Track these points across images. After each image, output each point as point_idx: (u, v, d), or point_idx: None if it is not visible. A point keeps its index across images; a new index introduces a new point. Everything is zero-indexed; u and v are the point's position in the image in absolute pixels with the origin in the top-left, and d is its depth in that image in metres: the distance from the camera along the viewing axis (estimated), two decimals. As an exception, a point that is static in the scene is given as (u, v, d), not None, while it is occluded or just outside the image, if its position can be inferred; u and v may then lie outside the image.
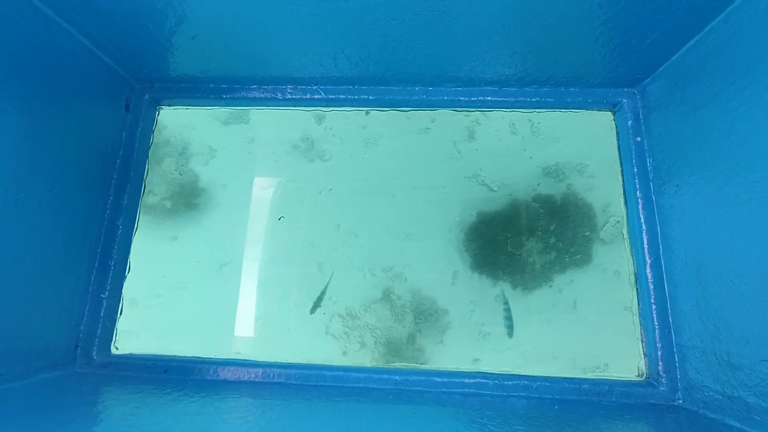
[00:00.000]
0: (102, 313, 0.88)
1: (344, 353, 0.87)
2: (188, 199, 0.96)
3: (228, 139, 1.00)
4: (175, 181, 0.97)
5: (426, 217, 0.94)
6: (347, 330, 0.88)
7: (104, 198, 0.92)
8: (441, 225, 0.93)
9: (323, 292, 0.89)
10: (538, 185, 0.94)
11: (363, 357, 0.86)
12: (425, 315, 0.88)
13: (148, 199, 0.96)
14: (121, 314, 0.90)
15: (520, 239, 0.92)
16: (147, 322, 0.90)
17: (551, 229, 0.92)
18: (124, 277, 0.92)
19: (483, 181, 0.95)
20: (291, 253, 0.93)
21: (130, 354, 0.88)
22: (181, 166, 0.98)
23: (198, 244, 0.94)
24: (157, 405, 0.65)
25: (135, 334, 0.89)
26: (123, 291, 0.91)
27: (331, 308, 0.89)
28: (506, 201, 0.94)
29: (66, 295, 0.81)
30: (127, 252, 0.93)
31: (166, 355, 0.87)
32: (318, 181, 0.97)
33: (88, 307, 0.87)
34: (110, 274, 0.90)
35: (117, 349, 0.89)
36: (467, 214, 0.94)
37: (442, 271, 0.91)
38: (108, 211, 0.92)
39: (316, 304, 0.88)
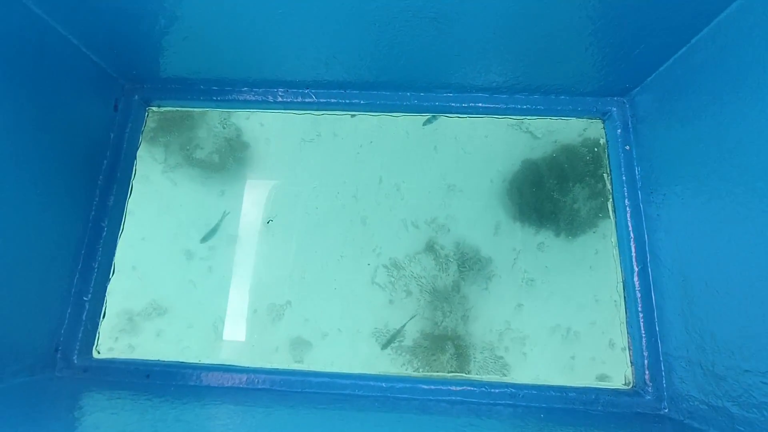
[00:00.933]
0: (84, 316, 0.86)
1: (390, 302, 0.88)
2: (235, 153, 0.98)
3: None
4: (220, 134, 0.99)
5: (468, 168, 0.95)
6: (392, 280, 0.89)
7: (89, 198, 0.91)
8: (483, 175, 0.95)
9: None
10: (584, 130, 0.95)
11: (409, 304, 0.88)
12: (469, 264, 0.90)
13: (196, 153, 0.98)
14: (104, 317, 0.89)
15: (566, 185, 0.93)
16: (132, 324, 0.89)
17: (599, 173, 0.92)
18: (108, 280, 0.90)
19: (527, 128, 0.96)
20: (335, 207, 0.94)
21: (113, 358, 0.86)
22: (224, 120, 0.99)
23: (244, 200, 0.95)
24: (135, 411, 0.64)
25: (118, 337, 0.88)
26: (107, 294, 0.89)
27: (376, 260, 0.90)
28: (551, 148, 0.95)
29: (46, 297, 0.80)
30: (112, 254, 0.92)
31: (149, 360, 0.85)
32: (358, 134, 0.98)
33: (69, 310, 0.85)
34: (94, 276, 0.88)
35: (99, 353, 0.87)
36: (510, 163, 0.95)
37: (485, 221, 0.93)
38: (93, 212, 0.91)
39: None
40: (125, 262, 0.92)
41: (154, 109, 1.02)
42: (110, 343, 0.87)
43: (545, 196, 0.93)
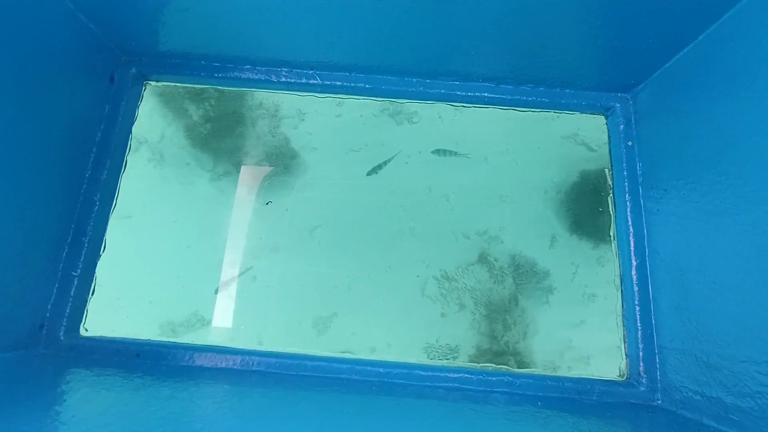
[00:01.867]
0: (72, 292, 0.83)
1: (442, 315, 0.85)
2: (285, 161, 0.95)
3: (317, 103, 0.98)
4: (270, 143, 0.95)
5: (520, 179, 0.93)
6: (444, 292, 0.86)
7: (81, 172, 0.87)
8: (536, 187, 0.93)
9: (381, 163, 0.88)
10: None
11: (463, 318, 0.85)
12: (526, 276, 0.87)
13: (245, 159, 0.95)
14: (92, 294, 0.86)
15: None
16: (121, 302, 0.86)
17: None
18: (98, 256, 0.87)
19: (582, 141, 0.95)
20: (382, 217, 0.91)
21: (101, 336, 0.83)
22: (274, 128, 0.96)
23: (292, 208, 0.92)
24: (125, 388, 0.62)
25: (107, 315, 0.85)
26: (96, 270, 0.86)
27: (426, 271, 0.87)
28: (606, 160, 0.94)
29: (31, 271, 0.76)
30: (104, 230, 0.89)
31: (138, 339, 0.83)
32: (408, 144, 0.96)
33: (57, 285, 0.82)
34: (83, 252, 0.85)
35: (87, 330, 0.84)
36: (565, 175, 0.94)
37: (539, 233, 0.90)
38: (85, 186, 0.88)
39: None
40: (117, 239, 0.89)
41: (152, 83, 0.99)
42: (99, 320, 0.84)
43: (596, 209, 0.92)
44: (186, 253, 0.90)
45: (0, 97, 0.67)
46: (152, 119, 0.97)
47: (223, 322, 0.86)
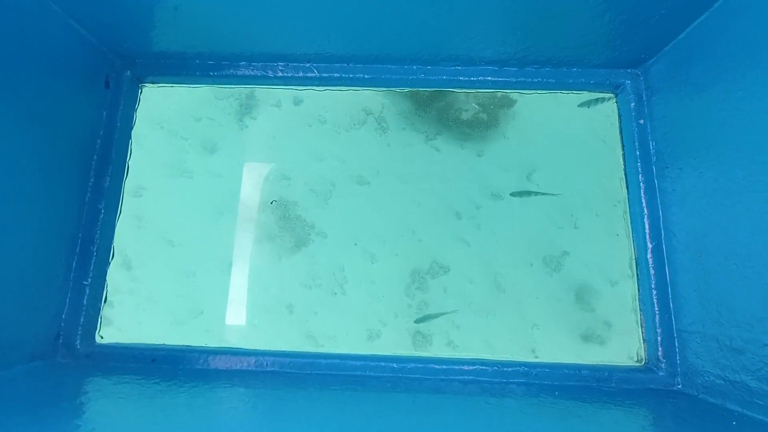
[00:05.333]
0: (85, 301, 0.84)
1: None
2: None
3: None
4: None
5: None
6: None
7: (84, 180, 0.87)
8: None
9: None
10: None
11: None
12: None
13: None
14: (105, 302, 0.86)
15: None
16: (135, 308, 0.86)
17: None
18: (108, 263, 0.87)
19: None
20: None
21: (116, 343, 0.84)
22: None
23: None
24: (143, 396, 0.62)
25: (121, 321, 0.85)
26: (107, 278, 0.87)
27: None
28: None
29: (44, 282, 0.77)
30: (111, 237, 0.89)
31: (153, 344, 0.84)
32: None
33: (69, 295, 0.82)
34: (93, 260, 0.85)
35: (102, 338, 0.85)
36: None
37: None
38: (89, 194, 0.87)
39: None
40: (125, 245, 0.89)
41: (148, 86, 0.97)
42: (114, 327, 0.85)
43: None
44: (196, 255, 0.89)
45: (-4, 110, 0.66)
46: (150, 122, 0.96)
47: (237, 320, 0.86)
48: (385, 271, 0.88)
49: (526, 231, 0.90)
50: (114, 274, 0.87)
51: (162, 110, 0.96)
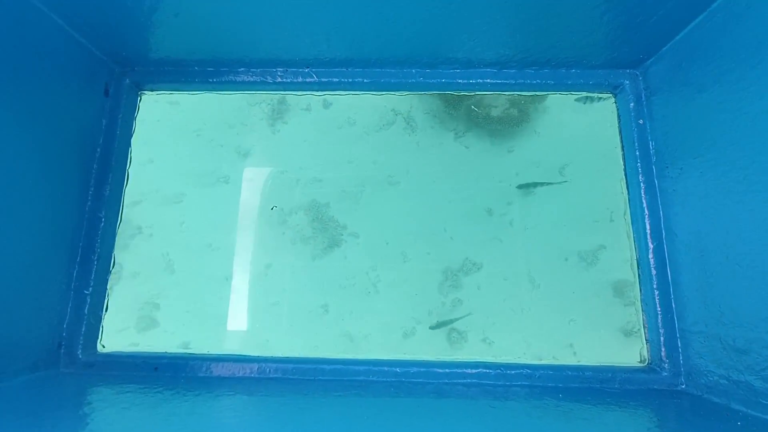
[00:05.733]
0: (86, 310, 0.83)
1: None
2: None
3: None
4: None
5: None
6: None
7: (84, 189, 0.87)
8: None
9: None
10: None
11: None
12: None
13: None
14: (106, 311, 0.86)
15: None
16: (137, 316, 0.86)
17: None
18: (108, 272, 0.87)
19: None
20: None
21: (118, 352, 0.84)
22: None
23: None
24: (146, 405, 0.62)
25: (123, 330, 0.85)
26: (108, 287, 0.86)
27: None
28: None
29: (45, 291, 0.77)
30: (111, 246, 0.88)
31: (155, 352, 0.83)
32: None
33: (70, 304, 0.82)
34: (94, 269, 0.85)
35: (104, 347, 0.85)
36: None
37: None
38: (89, 203, 0.87)
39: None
40: (125, 254, 0.89)
41: (147, 93, 0.97)
42: (115, 336, 0.85)
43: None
44: (197, 260, 0.89)
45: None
46: (149, 130, 0.96)
47: (238, 326, 0.86)
48: (418, 269, 0.88)
49: (560, 225, 0.89)
50: (115, 282, 0.87)
51: (189, 118, 0.95)
